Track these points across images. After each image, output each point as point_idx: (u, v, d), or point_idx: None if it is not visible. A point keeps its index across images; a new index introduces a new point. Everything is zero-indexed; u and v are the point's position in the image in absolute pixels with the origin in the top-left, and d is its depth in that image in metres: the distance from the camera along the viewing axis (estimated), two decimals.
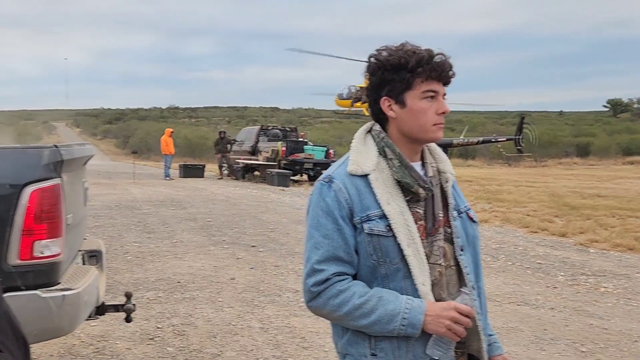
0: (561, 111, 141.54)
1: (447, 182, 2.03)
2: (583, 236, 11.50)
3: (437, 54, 1.91)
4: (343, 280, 1.86)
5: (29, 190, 3.21)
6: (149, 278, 7.79)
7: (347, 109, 44.28)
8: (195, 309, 6.48)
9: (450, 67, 1.93)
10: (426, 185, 1.94)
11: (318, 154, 24.77)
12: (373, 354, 1.87)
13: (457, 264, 1.98)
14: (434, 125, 1.93)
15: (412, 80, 1.90)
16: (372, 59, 1.95)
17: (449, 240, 1.98)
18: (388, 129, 1.98)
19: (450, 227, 1.99)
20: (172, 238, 10.69)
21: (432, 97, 1.92)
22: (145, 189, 20.41)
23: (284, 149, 23.97)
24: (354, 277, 1.90)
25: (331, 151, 25.40)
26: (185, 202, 16.26)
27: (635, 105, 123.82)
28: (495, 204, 16.95)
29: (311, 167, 24.25)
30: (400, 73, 1.90)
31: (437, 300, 1.89)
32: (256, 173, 25.98)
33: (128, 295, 4.32)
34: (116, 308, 4.31)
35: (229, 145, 27.17)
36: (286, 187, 22.00)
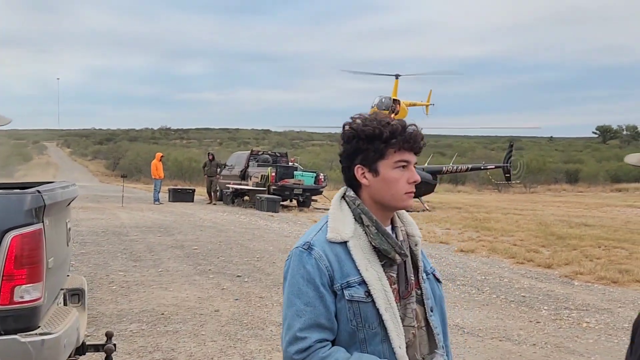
0: (551, 137, 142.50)
1: (416, 245, 2.12)
2: (568, 268, 11.58)
3: (410, 125, 2.01)
4: (324, 347, 1.91)
5: (10, 236, 3.25)
6: (133, 309, 7.79)
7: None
8: (177, 343, 6.48)
9: (422, 137, 2.03)
10: (402, 251, 2.01)
11: (308, 180, 24.83)
12: None
13: (427, 325, 2.06)
14: (405, 193, 2.02)
15: (385, 151, 1.99)
16: (347, 127, 2.03)
17: (420, 302, 2.06)
18: (361, 195, 2.06)
19: (420, 289, 2.07)
20: (158, 267, 10.69)
21: (404, 166, 2.01)
22: (134, 213, 20.39)
23: (273, 174, 24.03)
24: (333, 343, 1.95)
25: (321, 177, 25.49)
26: (172, 228, 16.26)
27: (624, 132, 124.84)
28: (483, 232, 17.05)
29: (301, 192, 24.31)
30: (374, 143, 1.98)
31: None
32: (246, 198, 26.00)
33: (109, 335, 4.34)
34: (96, 348, 4.33)
35: (218, 169, 27.18)
36: (275, 212, 22.02)
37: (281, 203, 23.49)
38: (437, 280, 2.18)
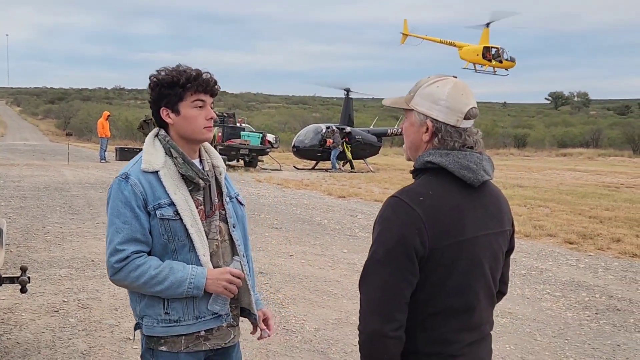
0: (505, 102, 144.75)
1: (220, 174, 2.63)
2: None
3: (205, 73, 2.48)
4: (140, 257, 2.38)
5: None
6: (65, 257, 8.17)
7: (481, 65, 43.36)
8: (103, 285, 6.91)
9: (215, 82, 2.51)
10: (204, 177, 2.51)
11: (254, 141, 25.19)
12: (167, 313, 2.43)
13: (231, 238, 2.58)
14: (204, 128, 2.50)
15: (183, 94, 2.45)
16: (152, 78, 2.49)
17: (224, 220, 2.57)
18: (169, 133, 2.52)
19: (224, 209, 2.58)
20: (95, 220, 11.03)
21: (200, 106, 2.48)
22: (78, 171, 20.53)
23: (220, 134, 24.29)
24: (149, 253, 2.42)
25: (268, 137, 25.81)
26: None
27: (575, 99, 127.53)
28: None
29: (247, 153, 24.68)
30: (174, 88, 2.44)
31: (215, 267, 2.48)
32: None
33: (23, 269, 4.75)
34: (12, 280, 4.73)
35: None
36: None
37: (227, 163, 23.81)
38: (240, 203, 2.69)
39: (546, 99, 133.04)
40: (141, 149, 2.53)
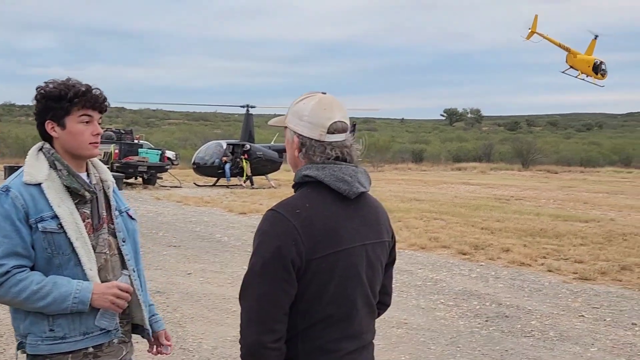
0: (403, 118, 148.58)
1: (108, 188, 2.59)
2: None
3: (95, 89, 2.46)
4: (22, 271, 2.31)
5: None
6: None
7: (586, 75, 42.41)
8: None
9: (105, 99, 2.49)
10: (90, 189, 2.47)
11: (152, 157, 24.73)
12: (51, 329, 2.35)
13: (120, 253, 2.54)
14: (90, 143, 2.46)
15: (70, 108, 2.41)
16: (39, 90, 2.44)
17: (113, 234, 2.53)
18: (54, 146, 2.46)
19: (113, 223, 2.54)
20: None
21: (87, 122, 2.45)
22: None
23: (117, 151, 23.69)
24: (32, 269, 2.35)
25: (167, 154, 25.41)
26: None
27: (469, 115, 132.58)
28: None
29: (145, 170, 24.19)
30: (60, 102, 2.40)
31: (103, 281, 2.42)
32: None
33: None
34: None
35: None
36: (119, 190, 21.75)
37: (125, 181, 23.26)
38: (131, 217, 2.65)
39: (441, 115, 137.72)
40: None
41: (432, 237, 12.34)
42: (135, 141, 27.11)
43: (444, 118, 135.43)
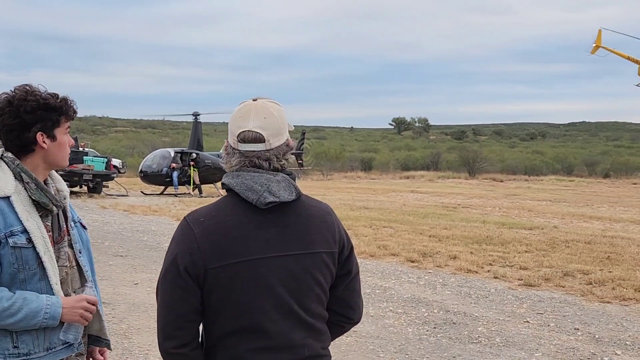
0: (352, 127, 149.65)
1: (65, 199, 2.52)
2: None
3: (70, 98, 2.43)
4: None
5: None
6: None
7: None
8: None
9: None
10: (58, 203, 2.41)
11: (98, 166, 24.30)
12: (15, 346, 2.28)
13: (78, 264, 2.49)
14: (68, 154, 2.47)
15: (60, 119, 2.39)
16: (32, 101, 2.33)
17: (70, 245, 2.48)
18: (29, 157, 2.37)
19: (69, 235, 2.49)
20: None
21: (67, 133, 2.44)
22: None
23: None
24: None
25: (114, 162, 25.01)
26: None
27: (417, 124, 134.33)
28: None
29: (91, 178, 23.74)
30: (54, 114, 2.36)
31: (65, 295, 2.37)
32: None
33: None
34: None
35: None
36: None
37: (70, 189, 22.73)
38: (84, 227, 2.62)
39: (390, 124, 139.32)
40: None
41: (381, 245, 12.43)
42: (80, 149, 26.54)
43: (392, 127, 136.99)
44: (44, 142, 2.37)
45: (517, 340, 6.64)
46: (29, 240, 2.28)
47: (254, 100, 2.10)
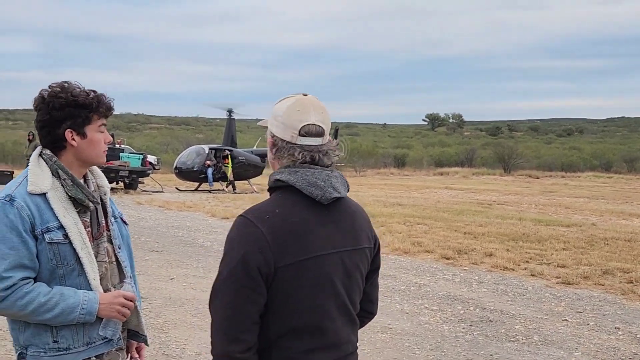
0: (385, 123, 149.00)
1: (105, 194, 2.54)
2: None
3: (106, 95, 2.43)
4: (28, 283, 2.25)
5: None
6: None
7: None
8: None
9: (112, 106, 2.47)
10: (94, 199, 2.43)
11: (134, 162, 24.57)
12: (55, 341, 2.31)
13: (117, 260, 2.50)
14: (103, 151, 2.46)
15: (92, 117, 2.38)
16: (56, 97, 2.35)
17: (110, 241, 2.49)
18: (63, 154, 2.40)
19: (109, 230, 2.50)
20: None
21: (102, 130, 2.43)
22: None
23: None
24: (35, 279, 2.29)
25: (149, 159, 25.25)
26: None
27: (451, 120, 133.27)
28: None
29: (127, 174, 24.01)
30: (83, 111, 2.36)
31: (105, 290, 2.39)
32: None
33: None
34: None
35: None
36: None
37: None
38: (125, 222, 2.63)
39: (423, 120, 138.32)
40: (11, 172, 2.39)
41: (415, 242, 12.34)
42: (117, 145, 26.84)
43: (426, 123, 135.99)
44: (73, 139, 2.38)
45: (555, 339, 6.53)
46: (66, 236, 2.30)
47: (304, 95, 2.07)
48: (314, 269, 1.94)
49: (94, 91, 2.41)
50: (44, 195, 2.31)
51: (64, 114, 2.35)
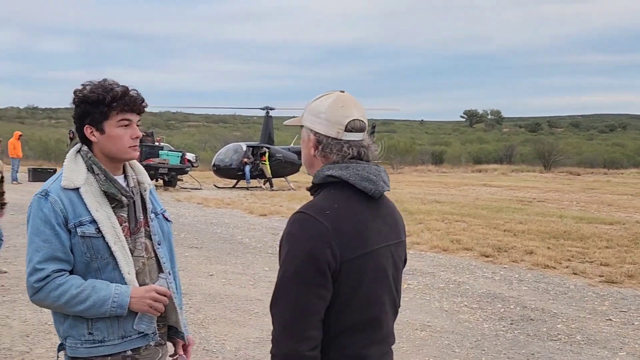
0: (422, 120, 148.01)
1: (145, 190, 2.57)
2: (408, 239, 12.45)
3: (132, 90, 2.42)
4: (61, 275, 2.30)
5: None
6: None
7: None
8: (13, 311, 6.63)
9: (142, 100, 2.46)
10: (128, 194, 2.45)
11: (173, 159, 24.81)
12: (90, 333, 2.35)
13: (156, 256, 2.53)
14: (129, 147, 2.44)
15: (109, 113, 2.39)
16: (77, 94, 2.41)
17: (149, 237, 2.51)
18: (93, 150, 2.45)
19: (149, 226, 2.51)
20: (6, 243, 10.54)
21: (126, 125, 2.42)
22: None
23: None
24: (71, 272, 2.34)
25: (187, 156, 25.48)
26: (26, 207, 15.86)
27: (489, 116, 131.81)
28: None
29: (166, 172, 24.28)
30: (99, 107, 2.38)
31: (142, 285, 2.41)
32: None
33: None
34: None
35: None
36: None
37: None
38: (167, 219, 2.65)
39: (461, 116, 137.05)
40: (54, 170, 2.44)
41: (454, 239, 12.23)
42: (156, 143, 27.11)
43: (464, 119, 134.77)
44: (92, 134, 2.42)
45: (599, 339, 6.41)
46: (98, 230, 2.34)
47: (342, 92, 2.08)
48: (372, 263, 1.96)
49: (122, 87, 2.40)
50: (77, 190, 2.36)
51: (81, 110, 2.41)
